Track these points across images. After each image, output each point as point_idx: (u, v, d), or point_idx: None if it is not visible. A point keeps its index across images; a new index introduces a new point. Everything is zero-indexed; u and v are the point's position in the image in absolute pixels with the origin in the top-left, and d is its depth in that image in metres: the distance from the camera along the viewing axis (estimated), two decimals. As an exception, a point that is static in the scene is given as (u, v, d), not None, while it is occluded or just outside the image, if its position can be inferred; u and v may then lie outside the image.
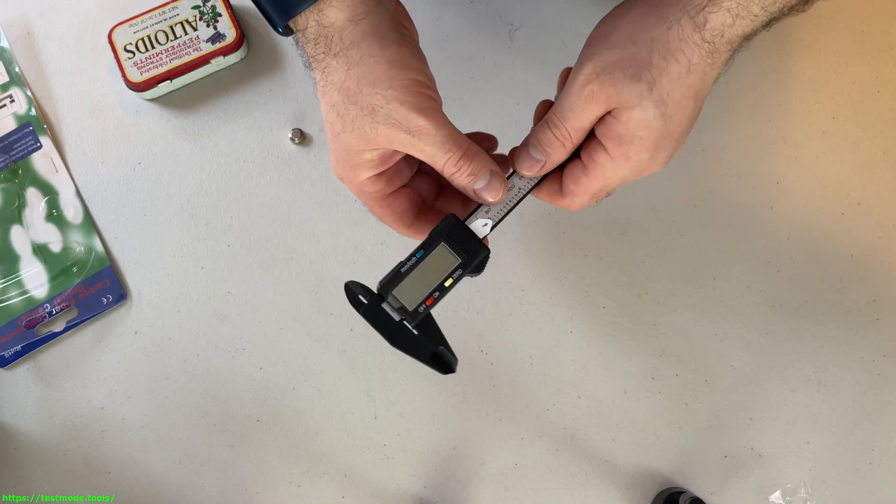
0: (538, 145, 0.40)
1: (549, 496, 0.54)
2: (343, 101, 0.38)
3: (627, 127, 0.38)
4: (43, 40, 0.63)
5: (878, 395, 0.56)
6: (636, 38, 0.37)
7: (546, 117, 0.40)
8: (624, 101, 0.37)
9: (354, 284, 0.40)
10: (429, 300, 0.40)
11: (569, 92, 0.38)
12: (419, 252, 0.40)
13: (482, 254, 0.40)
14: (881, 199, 0.59)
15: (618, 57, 0.37)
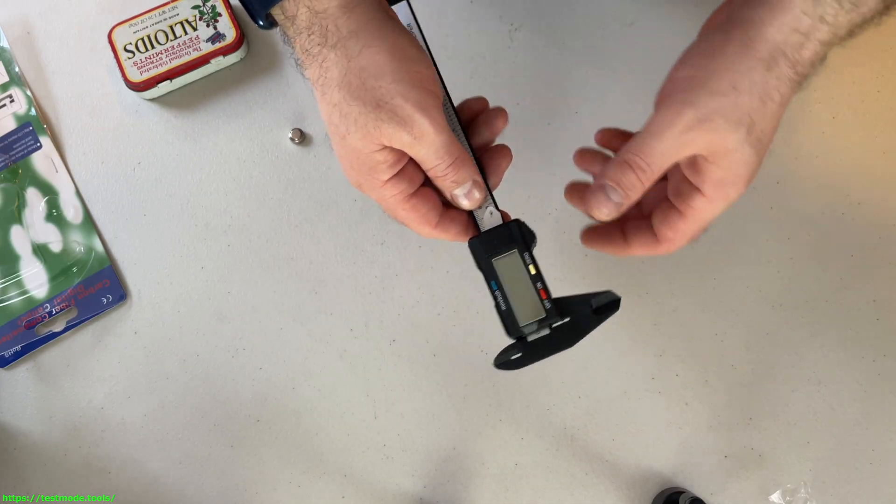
0: (619, 188, 0.38)
1: (549, 496, 0.54)
2: (345, 99, 0.36)
3: (726, 171, 0.37)
4: (43, 40, 0.63)
5: (878, 395, 0.56)
6: (738, 83, 0.36)
7: (627, 158, 0.38)
8: (724, 147, 0.37)
9: (500, 358, 0.42)
10: (542, 294, 0.41)
11: (662, 136, 0.37)
12: (493, 284, 0.41)
13: (516, 229, 0.41)
14: (881, 199, 0.59)
15: (720, 104, 0.36)
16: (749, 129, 0.36)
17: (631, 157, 0.38)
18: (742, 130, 0.36)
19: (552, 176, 0.60)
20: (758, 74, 0.36)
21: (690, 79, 0.37)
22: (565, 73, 0.62)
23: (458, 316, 0.57)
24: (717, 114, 0.36)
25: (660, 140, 0.37)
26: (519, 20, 0.63)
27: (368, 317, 0.57)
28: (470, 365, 0.57)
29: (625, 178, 0.38)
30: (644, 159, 0.37)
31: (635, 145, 0.38)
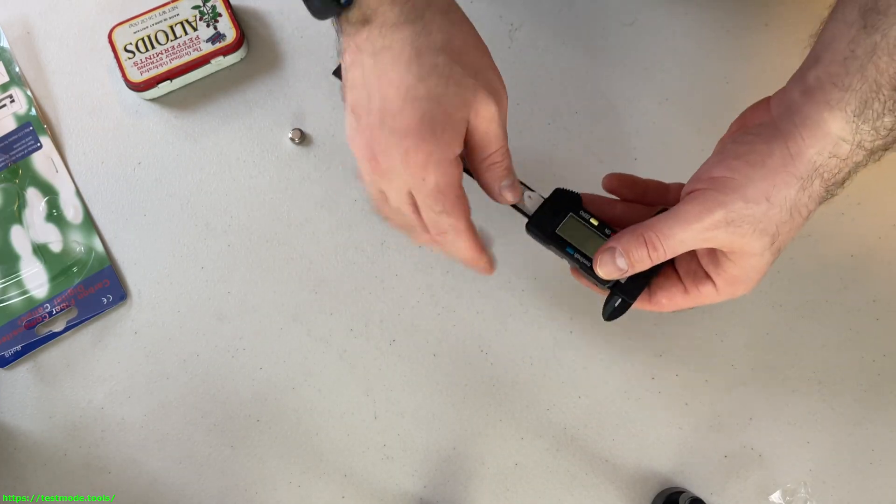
0: (626, 257, 0.40)
1: (549, 496, 0.54)
2: (448, 63, 0.37)
3: (742, 270, 0.40)
4: (43, 40, 0.63)
5: (878, 395, 0.56)
6: (771, 195, 0.38)
7: (646, 235, 0.39)
8: (746, 250, 0.39)
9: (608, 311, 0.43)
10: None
11: (689, 226, 0.38)
12: (568, 249, 0.43)
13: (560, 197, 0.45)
14: (881, 199, 0.59)
15: (751, 211, 0.38)
16: (773, 239, 0.39)
17: (650, 236, 0.39)
18: (767, 240, 0.38)
19: (552, 176, 0.60)
20: (793, 191, 0.38)
21: (728, 181, 0.38)
22: (565, 73, 0.62)
23: (458, 316, 0.57)
24: (746, 220, 0.38)
25: (684, 229, 0.38)
26: (519, 20, 0.63)
27: (368, 317, 0.57)
28: (470, 365, 0.57)
29: (636, 251, 0.40)
30: (662, 241, 0.39)
31: (658, 225, 0.39)
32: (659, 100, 0.62)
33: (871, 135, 0.37)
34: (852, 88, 0.36)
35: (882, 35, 0.35)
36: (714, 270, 0.41)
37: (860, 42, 0.36)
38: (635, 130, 0.61)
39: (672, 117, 0.61)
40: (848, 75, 0.36)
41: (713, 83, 0.62)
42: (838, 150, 0.37)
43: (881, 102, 0.36)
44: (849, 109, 0.36)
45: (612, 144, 0.61)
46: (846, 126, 0.37)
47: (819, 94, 0.38)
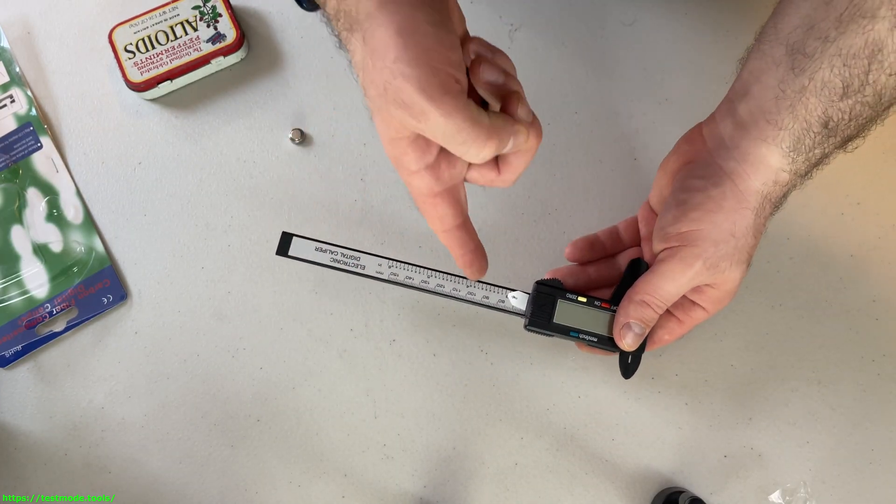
0: (641, 322, 0.46)
1: (549, 496, 0.54)
2: (364, 83, 0.35)
3: (723, 292, 0.46)
4: (43, 40, 0.63)
5: (878, 395, 0.56)
6: (736, 231, 0.43)
7: (646, 299, 0.46)
8: (727, 280, 0.45)
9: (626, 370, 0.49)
10: (605, 305, 0.49)
11: (676, 282, 0.45)
12: (573, 333, 0.49)
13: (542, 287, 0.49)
14: (881, 199, 0.59)
15: (724, 251, 0.44)
16: (748, 262, 0.46)
17: (649, 299, 0.46)
18: (743, 266, 0.45)
19: (552, 176, 0.60)
20: (749, 219, 0.44)
21: (695, 233, 0.44)
22: (565, 73, 0.62)
23: (458, 316, 0.57)
24: (723, 259, 0.44)
25: (673, 285, 0.45)
26: (519, 20, 0.63)
27: (368, 317, 0.57)
28: (470, 365, 0.57)
29: (645, 314, 0.46)
30: (659, 299, 0.45)
31: (650, 287, 0.45)
32: (659, 100, 0.62)
33: (804, 164, 0.42)
34: (786, 128, 0.40)
35: (809, 78, 0.39)
36: (698, 298, 0.47)
37: (789, 83, 0.40)
38: (635, 130, 0.61)
39: (672, 117, 0.61)
40: (780, 113, 0.40)
41: (713, 83, 0.62)
42: (779, 178, 0.42)
43: (811, 138, 0.40)
44: (784, 146, 0.41)
45: (612, 144, 0.61)
46: (783, 159, 0.41)
47: (753, 129, 0.42)
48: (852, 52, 0.36)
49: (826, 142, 0.40)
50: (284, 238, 0.47)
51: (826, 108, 0.39)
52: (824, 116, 0.39)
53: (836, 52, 0.37)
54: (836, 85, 0.38)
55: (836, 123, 0.39)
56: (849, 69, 0.37)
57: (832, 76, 0.38)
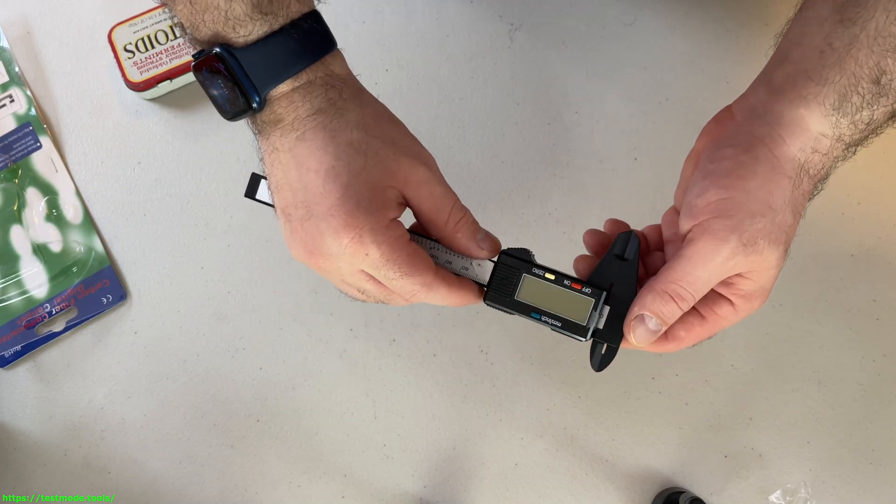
0: (659, 318, 0.38)
1: (549, 496, 0.54)
2: (364, 137, 0.37)
3: (758, 285, 0.38)
4: (43, 40, 0.63)
5: (878, 395, 0.56)
6: (774, 202, 0.36)
7: (669, 289, 0.37)
8: (764, 266, 0.37)
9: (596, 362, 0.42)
10: (576, 286, 0.40)
11: (708, 265, 0.36)
12: (534, 314, 0.40)
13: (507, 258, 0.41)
14: (881, 199, 0.59)
15: (762, 225, 0.36)
16: (786, 245, 0.38)
17: (673, 288, 0.37)
18: (781, 248, 0.37)
19: (552, 176, 0.60)
20: (788, 192, 0.37)
21: (727, 202, 0.37)
22: (565, 72, 0.62)
23: (458, 316, 0.57)
24: (760, 236, 0.36)
25: (705, 269, 0.37)
26: (519, 20, 0.63)
27: (368, 317, 0.57)
28: (470, 365, 0.57)
29: (666, 309, 0.38)
30: (687, 288, 0.37)
31: (676, 274, 0.37)
32: (659, 100, 0.62)
33: (849, 129, 0.36)
34: (830, 81, 0.35)
35: (861, 27, 0.34)
36: (731, 291, 0.39)
37: (837, 35, 0.35)
38: (635, 130, 0.61)
39: (672, 117, 0.61)
40: (825, 68, 0.35)
41: (713, 83, 0.62)
42: (819, 146, 0.37)
43: (860, 95, 0.35)
44: (827, 103, 0.35)
45: (612, 144, 0.61)
46: (825, 120, 0.36)
47: (790, 90, 0.37)
48: None
49: (875, 102, 0.35)
50: (253, 179, 0.43)
51: (879, 60, 0.34)
52: (877, 70, 0.34)
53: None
54: (891, 32, 0.33)
55: (888, 79, 0.34)
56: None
57: (888, 23, 0.33)
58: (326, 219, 0.36)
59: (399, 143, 0.38)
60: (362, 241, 0.36)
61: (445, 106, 0.61)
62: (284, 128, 0.37)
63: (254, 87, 0.36)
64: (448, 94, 0.61)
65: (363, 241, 0.36)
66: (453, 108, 0.61)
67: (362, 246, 0.36)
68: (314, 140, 0.36)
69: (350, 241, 0.36)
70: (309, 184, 0.37)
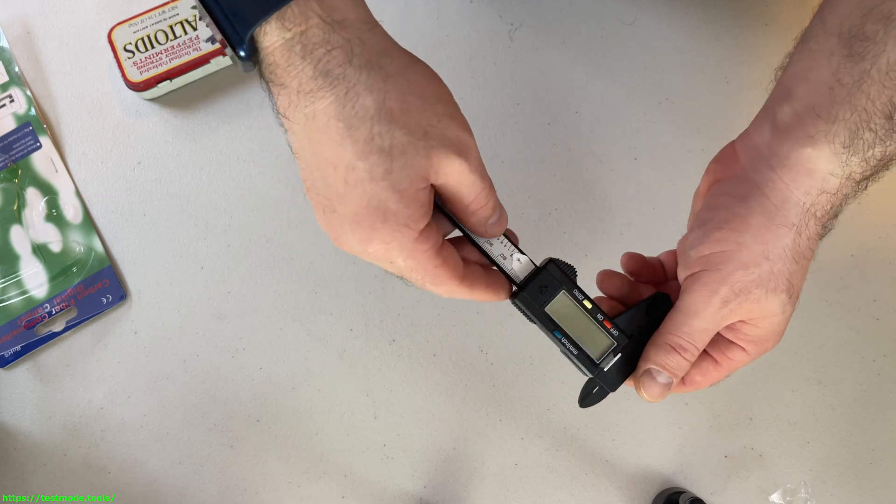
0: (667, 371, 0.38)
1: (549, 496, 0.54)
2: (388, 131, 0.31)
3: (766, 330, 0.38)
4: (43, 40, 0.63)
5: (878, 395, 0.56)
6: (769, 253, 0.36)
7: (670, 341, 0.38)
8: (766, 313, 0.37)
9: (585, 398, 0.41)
10: (607, 324, 0.40)
11: (701, 315, 0.37)
12: (556, 333, 0.39)
13: (555, 269, 0.39)
14: (881, 199, 0.59)
15: (755, 276, 0.36)
16: (789, 293, 0.37)
17: (673, 340, 0.38)
18: (784, 296, 0.37)
19: (552, 176, 0.60)
20: (788, 240, 0.36)
21: (719, 255, 0.37)
22: (565, 72, 0.62)
23: (458, 316, 0.57)
24: (754, 285, 0.36)
25: (699, 319, 0.37)
26: (519, 20, 0.63)
27: (368, 317, 0.57)
28: (470, 365, 0.57)
29: (670, 361, 0.38)
30: (686, 339, 0.37)
31: (675, 326, 0.38)
32: (659, 100, 0.62)
33: (860, 166, 0.35)
34: (840, 119, 0.34)
35: (872, 62, 0.33)
36: (739, 338, 0.39)
37: (846, 70, 0.34)
38: (635, 130, 0.61)
39: (672, 117, 0.61)
40: (834, 105, 0.34)
41: (713, 83, 0.62)
42: (827, 186, 0.36)
43: (873, 132, 0.34)
44: (837, 142, 0.34)
45: (612, 144, 0.61)
46: (834, 159, 0.35)
47: (798, 129, 0.35)
48: None
49: (889, 138, 0.34)
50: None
51: (892, 95, 0.33)
52: (890, 105, 0.33)
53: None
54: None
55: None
56: None
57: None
58: (352, 225, 0.34)
59: (431, 132, 0.32)
60: (389, 253, 0.34)
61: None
62: (290, 96, 0.31)
63: (232, 27, 0.30)
64: (448, 94, 0.61)
65: (390, 253, 0.34)
66: (453, 108, 0.61)
67: (388, 255, 0.35)
68: (328, 130, 0.31)
69: (375, 250, 0.34)
70: (328, 177, 0.33)
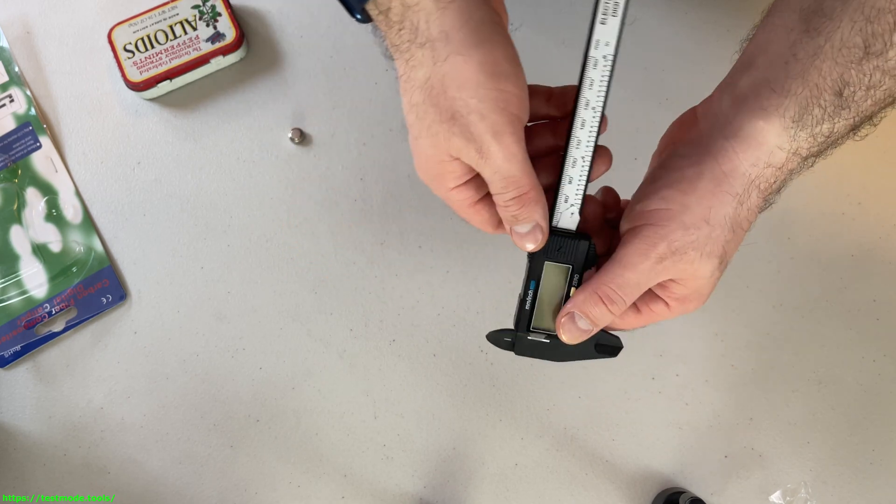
0: (588, 319, 0.39)
1: (549, 496, 0.54)
2: (424, 102, 0.35)
3: (693, 289, 0.39)
4: (43, 40, 0.63)
5: (878, 395, 0.56)
6: (710, 218, 0.37)
7: (598, 289, 0.38)
8: (696, 274, 0.38)
9: (494, 334, 0.41)
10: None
11: (637, 267, 0.37)
12: (531, 283, 0.40)
13: (584, 247, 0.39)
14: (881, 199, 0.59)
15: (693, 237, 0.37)
16: (721, 259, 0.38)
17: (604, 290, 0.38)
18: (715, 261, 0.38)
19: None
20: (730, 208, 0.37)
21: (663, 212, 0.38)
22: (566, 71, 0.62)
23: (458, 316, 0.57)
24: (691, 247, 0.37)
25: (634, 271, 0.38)
26: (519, 19, 0.63)
27: (368, 317, 0.57)
28: (470, 365, 0.57)
29: (595, 310, 0.39)
30: (617, 291, 0.38)
31: (607, 276, 0.38)
32: (659, 100, 0.62)
33: (807, 142, 0.36)
34: (793, 93, 0.35)
35: (826, 38, 0.34)
36: (665, 293, 0.40)
37: (802, 45, 0.35)
38: (635, 130, 0.61)
39: (672, 117, 0.61)
40: (788, 79, 0.35)
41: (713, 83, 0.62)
42: (773, 159, 0.37)
43: (822, 108, 0.35)
44: (787, 115, 0.35)
45: (612, 144, 0.61)
46: (783, 133, 0.36)
47: (753, 100, 0.36)
48: (878, 5, 0.32)
49: (836, 115, 0.35)
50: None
51: (842, 73, 0.34)
52: (839, 82, 0.34)
53: (857, 8, 0.33)
54: (855, 43, 0.33)
55: (851, 91, 0.34)
56: (872, 25, 0.33)
57: (852, 34, 0.33)
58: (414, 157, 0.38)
59: (458, 119, 0.34)
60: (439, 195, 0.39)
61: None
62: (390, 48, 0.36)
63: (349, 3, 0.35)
64: (448, 94, 0.61)
65: (440, 195, 0.39)
66: (453, 108, 0.61)
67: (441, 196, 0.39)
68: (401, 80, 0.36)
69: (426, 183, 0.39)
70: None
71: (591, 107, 0.40)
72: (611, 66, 0.39)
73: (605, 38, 0.39)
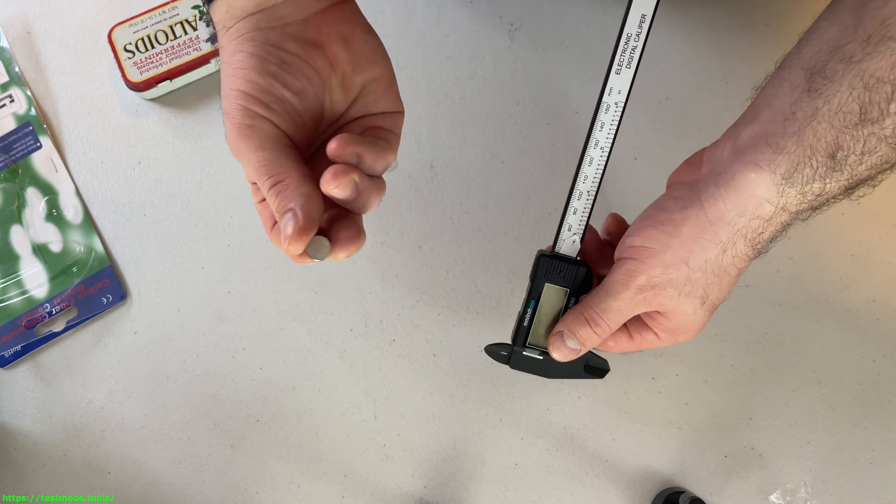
0: (574, 338, 0.42)
1: (549, 496, 0.54)
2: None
3: (679, 323, 0.41)
4: (43, 40, 0.63)
5: (878, 395, 0.56)
6: (690, 261, 0.39)
7: (586, 314, 0.41)
8: (678, 311, 0.40)
9: (492, 347, 0.45)
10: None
11: (618, 294, 0.40)
12: (531, 302, 0.43)
13: (583, 273, 0.43)
14: (881, 200, 0.59)
15: (672, 276, 0.39)
16: (703, 300, 0.40)
17: (589, 313, 0.41)
18: (696, 301, 0.40)
19: (552, 176, 0.60)
20: (711, 254, 0.39)
21: (646, 250, 0.40)
22: (565, 72, 0.62)
23: (458, 316, 0.57)
24: (669, 284, 0.40)
25: (616, 299, 0.40)
26: (519, 20, 0.63)
27: (368, 317, 0.57)
28: (470, 365, 0.57)
29: (581, 331, 0.42)
30: (601, 315, 0.41)
31: (594, 301, 0.41)
32: (659, 100, 0.62)
33: (796, 199, 0.37)
34: (787, 151, 0.36)
35: (825, 101, 0.35)
36: (651, 323, 0.42)
37: (802, 105, 0.36)
38: (635, 130, 0.61)
39: (672, 117, 0.61)
40: (784, 137, 0.36)
41: (713, 83, 0.62)
42: (761, 211, 0.38)
43: (812, 168, 0.36)
44: (778, 172, 0.37)
45: (612, 144, 0.61)
46: (772, 188, 0.37)
47: (750, 153, 0.38)
48: (877, 74, 0.33)
49: (828, 176, 0.36)
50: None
51: (837, 136, 0.35)
52: (833, 145, 0.35)
53: (858, 74, 0.34)
54: (852, 109, 0.34)
55: (845, 155, 0.36)
56: (869, 93, 0.34)
57: (850, 100, 0.34)
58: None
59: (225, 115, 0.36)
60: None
61: (445, 106, 0.61)
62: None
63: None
64: (448, 94, 0.61)
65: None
66: (453, 108, 0.61)
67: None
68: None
69: None
70: None
71: (601, 146, 0.43)
72: (621, 112, 0.42)
73: (619, 87, 0.42)
